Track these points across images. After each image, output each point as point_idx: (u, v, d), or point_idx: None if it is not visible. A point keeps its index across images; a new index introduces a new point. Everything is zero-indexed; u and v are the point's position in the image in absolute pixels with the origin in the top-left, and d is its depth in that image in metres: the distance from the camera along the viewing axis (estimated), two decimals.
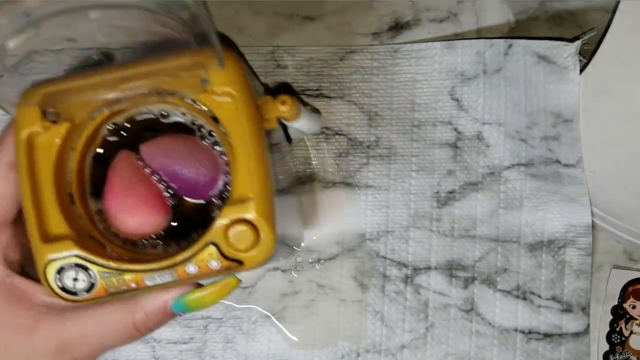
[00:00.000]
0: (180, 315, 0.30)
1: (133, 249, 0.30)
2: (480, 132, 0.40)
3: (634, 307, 0.41)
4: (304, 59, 0.41)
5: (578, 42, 0.40)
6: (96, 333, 0.29)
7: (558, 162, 0.40)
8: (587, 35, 0.40)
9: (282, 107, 0.30)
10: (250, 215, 0.27)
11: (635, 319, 0.41)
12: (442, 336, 0.40)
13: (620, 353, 0.41)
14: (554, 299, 0.40)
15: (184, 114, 0.30)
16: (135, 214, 0.29)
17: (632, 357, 0.40)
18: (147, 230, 0.30)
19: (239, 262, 0.28)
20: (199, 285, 0.30)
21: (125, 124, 0.30)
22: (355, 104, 0.41)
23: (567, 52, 0.40)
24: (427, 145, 0.40)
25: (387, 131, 0.40)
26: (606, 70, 0.40)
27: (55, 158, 0.28)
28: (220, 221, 0.27)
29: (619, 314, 0.41)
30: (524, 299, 0.40)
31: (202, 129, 0.30)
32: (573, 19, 0.42)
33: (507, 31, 0.42)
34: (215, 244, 0.27)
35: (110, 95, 0.28)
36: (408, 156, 0.40)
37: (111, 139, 0.30)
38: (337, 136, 0.41)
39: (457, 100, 0.40)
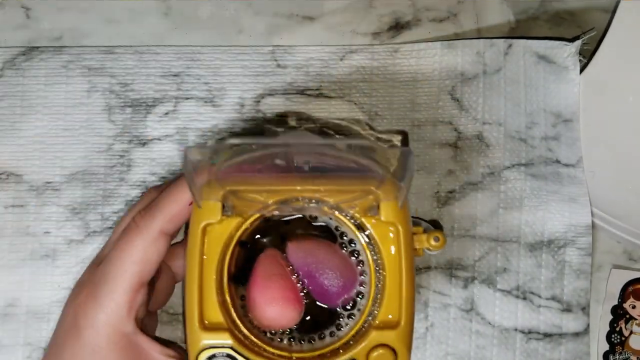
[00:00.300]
0: None
1: (264, 339, 0.31)
2: (481, 132, 0.40)
3: (633, 307, 0.41)
4: (303, 58, 0.41)
5: (578, 42, 0.40)
6: None
7: (558, 162, 0.40)
8: (587, 35, 0.40)
9: (435, 243, 0.32)
10: (395, 343, 0.30)
11: (635, 319, 0.41)
12: (441, 336, 0.40)
13: (620, 353, 0.41)
14: (553, 298, 0.40)
15: (330, 219, 0.32)
16: (274, 306, 0.31)
17: (632, 357, 0.40)
18: (282, 322, 0.31)
19: None
20: None
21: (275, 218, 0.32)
22: (356, 103, 0.41)
23: (567, 52, 0.40)
24: (427, 145, 0.40)
25: None
26: (606, 70, 0.40)
27: (222, 248, 0.30)
28: (366, 342, 0.30)
29: (618, 313, 0.41)
30: (524, 298, 0.40)
31: (344, 237, 0.32)
32: (573, 18, 0.42)
33: (507, 31, 0.42)
34: None
35: (287, 200, 0.30)
36: None
37: (257, 230, 0.33)
38: (337, 136, 0.41)
39: (457, 100, 0.41)
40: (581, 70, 0.40)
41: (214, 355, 0.30)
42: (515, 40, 0.41)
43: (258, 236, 0.32)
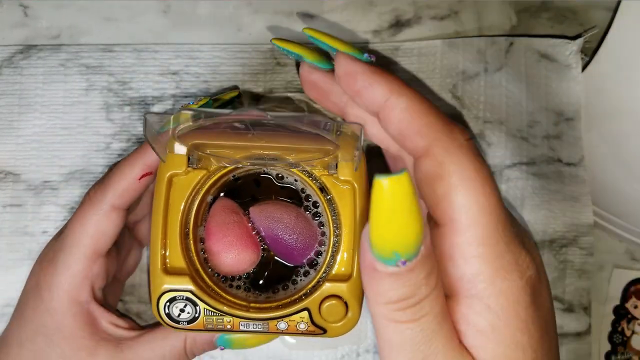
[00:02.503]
0: (221, 349, 0.35)
1: (223, 286, 0.33)
2: (482, 131, 0.40)
3: (635, 307, 0.41)
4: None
5: (580, 40, 0.40)
6: (150, 358, 0.33)
7: (560, 161, 0.40)
8: (589, 33, 0.40)
9: None
10: (346, 294, 0.32)
11: (637, 319, 0.40)
12: None
13: (622, 353, 0.40)
14: (555, 298, 0.40)
15: (296, 180, 0.34)
16: (232, 253, 0.33)
17: (633, 357, 0.40)
18: (241, 267, 0.33)
19: (323, 330, 0.32)
20: None
21: (241, 175, 0.34)
22: None
23: (569, 50, 0.40)
24: None
25: None
26: (608, 68, 0.40)
27: (186, 199, 0.32)
28: (318, 293, 0.32)
29: (620, 314, 0.40)
30: None
31: (309, 199, 0.34)
32: (575, 16, 0.42)
33: (508, 29, 0.41)
34: (308, 310, 0.32)
35: (250, 156, 0.32)
36: None
37: (226, 188, 0.34)
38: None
39: (458, 99, 0.40)
40: (583, 69, 0.40)
41: (174, 298, 0.32)
42: (516, 38, 0.40)
43: (222, 194, 0.34)
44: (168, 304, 0.32)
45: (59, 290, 0.33)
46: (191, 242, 0.33)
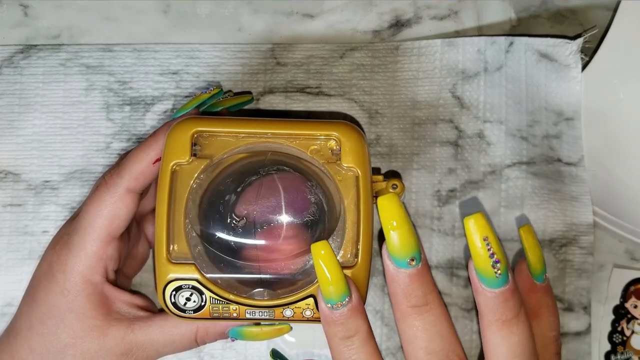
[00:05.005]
0: (232, 340, 0.35)
1: (230, 275, 0.33)
2: (482, 130, 0.40)
3: (635, 307, 0.41)
4: (303, 56, 0.41)
5: (580, 40, 0.40)
6: (160, 341, 0.34)
7: (559, 160, 0.40)
8: (588, 33, 0.40)
9: (393, 190, 0.34)
10: (351, 280, 0.31)
11: (637, 319, 0.40)
12: None
13: (622, 353, 0.40)
14: (555, 297, 0.40)
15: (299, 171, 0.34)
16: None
17: (633, 357, 0.40)
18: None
19: None
20: (257, 323, 0.34)
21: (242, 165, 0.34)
22: (356, 101, 0.40)
23: (569, 50, 0.40)
24: (428, 143, 0.40)
25: (388, 129, 0.40)
26: (608, 68, 0.40)
27: (189, 189, 0.32)
28: None
29: (620, 313, 0.40)
30: None
31: (313, 188, 0.34)
32: (575, 16, 0.42)
33: (508, 29, 0.41)
34: (314, 297, 0.32)
35: (253, 144, 0.33)
36: (409, 154, 0.40)
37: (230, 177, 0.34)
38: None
39: (458, 98, 0.40)
40: (583, 68, 0.40)
41: (180, 287, 0.32)
42: (516, 38, 0.40)
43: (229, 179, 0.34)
44: (174, 293, 0.32)
45: (73, 271, 0.33)
46: (194, 228, 0.33)
